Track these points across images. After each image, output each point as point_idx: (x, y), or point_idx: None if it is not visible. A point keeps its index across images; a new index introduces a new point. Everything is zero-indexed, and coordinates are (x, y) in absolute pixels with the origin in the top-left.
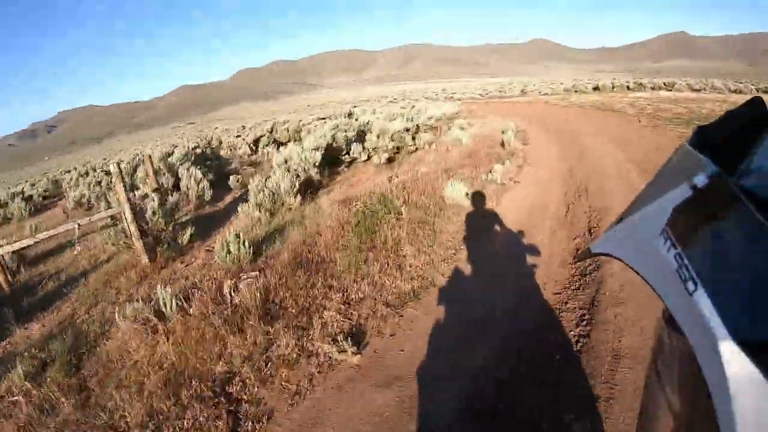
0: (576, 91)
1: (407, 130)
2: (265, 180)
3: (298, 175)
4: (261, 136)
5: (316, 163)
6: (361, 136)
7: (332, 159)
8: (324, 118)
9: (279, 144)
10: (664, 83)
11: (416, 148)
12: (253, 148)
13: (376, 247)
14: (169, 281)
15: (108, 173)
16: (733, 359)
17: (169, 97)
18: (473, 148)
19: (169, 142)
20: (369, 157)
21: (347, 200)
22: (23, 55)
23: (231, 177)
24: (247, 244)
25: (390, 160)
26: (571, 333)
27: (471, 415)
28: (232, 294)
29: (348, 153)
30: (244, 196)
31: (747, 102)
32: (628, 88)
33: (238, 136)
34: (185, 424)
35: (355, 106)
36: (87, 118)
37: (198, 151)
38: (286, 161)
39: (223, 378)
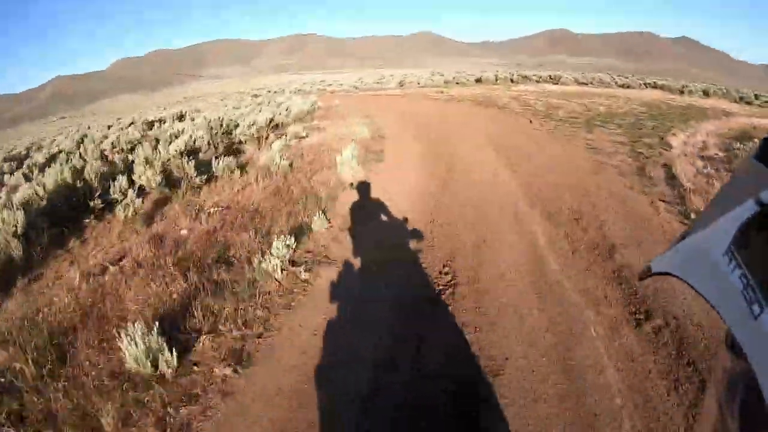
0: (457, 83)
1: (188, 154)
2: None
3: None
4: (59, 152)
5: (19, 229)
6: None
7: (82, 204)
8: (158, 121)
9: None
10: (550, 76)
11: (208, 178)
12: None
13: None
14: None
15: None
16: None
17: (45, 89)
18: (291, 178)
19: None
20: (144, 194)
21: None
22: None
23: None
24: None
25: (163, 203)
26: None
27: None
28: None
29: (106, 194)
30: None
31: None
32: (511, 80)
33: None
34: None
35: (222, 99)
36: None
37: None
38: None
39: None
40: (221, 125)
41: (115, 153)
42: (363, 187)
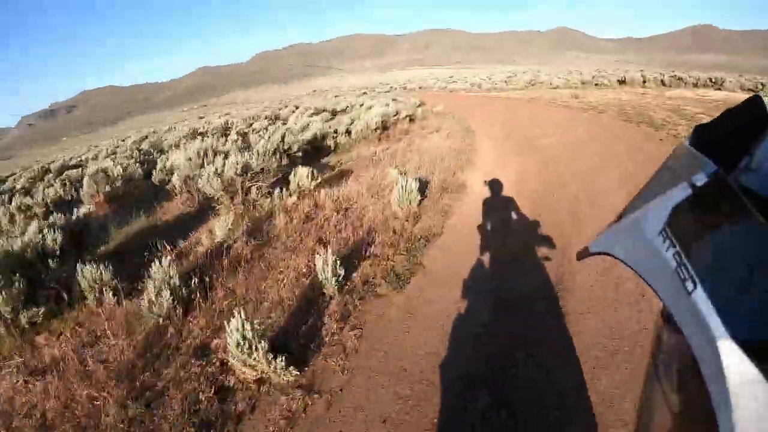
0: (596, 84)
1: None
2: None
3: None
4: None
5: None
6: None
7: None
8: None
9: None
10: (711, 79)
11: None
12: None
13: None
14: None
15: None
16: (732, 359)
17: (187, 79)
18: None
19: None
20: None
21: None
22: (48, 35)
23: None
24: None
25: None
26: None
27: None
28: None
29: None
30: None
31: (746, 100)
32: (662, 83)
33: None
34: None
35: (335, 97)
36: (106, 98)
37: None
38: None
39: None
40: (203, 159)
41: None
42: None
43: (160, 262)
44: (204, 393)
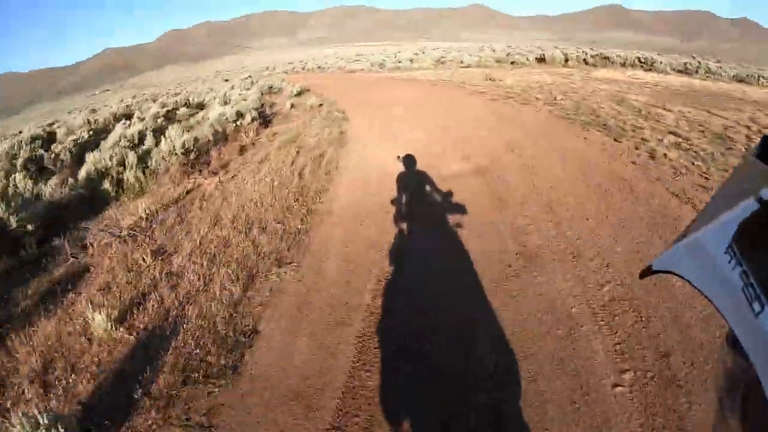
0: (512, 63)
1: None
2: None
3: None
4: None
5: None
6: None
7: None
8: None
9: None
10: (640, 59)
11: None
12: None
13: None
14: None
15: None
16: None
17: (94, 61)
18: None
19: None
20: None
21: None
22: None
23: None
24: None
25: None
26: None
27: None
28: None
29: None
30: None
31: None
32: (585, 62)
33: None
34: None
35: (224, 81)
36: (7, 86)
37: None
38: None
39: None
40: None
41: None
42: None
43: None
44: None
